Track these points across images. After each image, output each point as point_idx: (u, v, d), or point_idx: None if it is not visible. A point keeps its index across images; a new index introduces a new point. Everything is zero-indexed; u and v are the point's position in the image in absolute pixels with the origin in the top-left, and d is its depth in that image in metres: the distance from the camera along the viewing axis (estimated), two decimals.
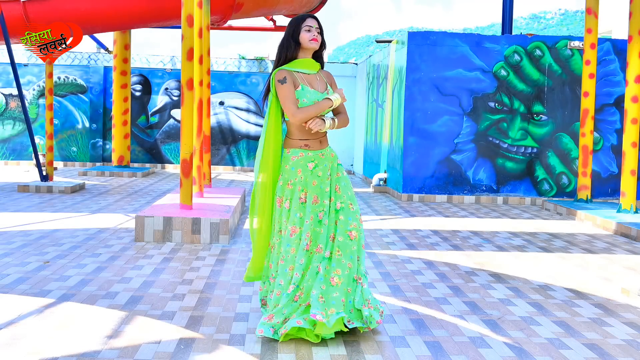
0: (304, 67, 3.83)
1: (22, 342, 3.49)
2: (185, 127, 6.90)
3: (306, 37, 3.78)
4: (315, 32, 3.79)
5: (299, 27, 3.79)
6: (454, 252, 6.39)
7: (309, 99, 3.75)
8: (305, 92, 3.77)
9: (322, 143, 3.86)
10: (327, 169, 3.83)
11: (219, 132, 15.71)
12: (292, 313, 3.64)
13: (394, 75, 11.33)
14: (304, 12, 13.41)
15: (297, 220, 3.74)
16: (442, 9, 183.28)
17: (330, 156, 3.88)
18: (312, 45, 3.79)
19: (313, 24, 3.81)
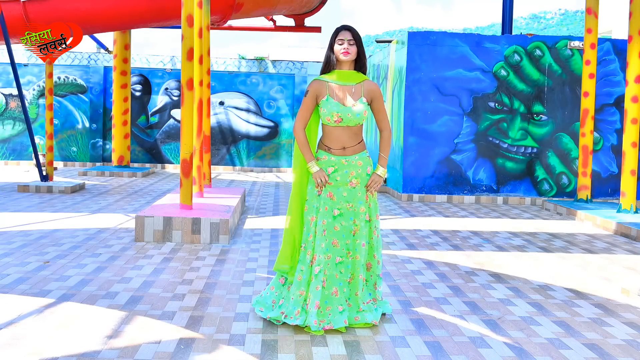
0: (339, 78, 3.94)
1: (22, 342, 3.49)
2: (185, 127, 6.90)
3: (338, 50, 3.90)
4: (347, 44, 3.88)
5: (333, 40, 3.93)
6: (454, 252, 6.39)
7: (328, 110, 3.92)
8: (328, 103, 3.92)
9: (347, 150, 3.95)
10: (347, 176, 3.94)
11: (219, 132, 15.71)
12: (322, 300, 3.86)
13: (394, 75, 11.33)
14: (303, 12, 13.44)
15: (313, 210, 3.96)
16: (442, 9, 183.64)
17: (355, 164, 3.95)
18: (343, 57, 3.90)
19: (345, 37, 3.90)
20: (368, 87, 3.99)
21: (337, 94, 3.94)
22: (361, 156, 3.99)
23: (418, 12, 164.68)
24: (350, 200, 3.95)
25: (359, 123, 3.96)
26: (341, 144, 3.96)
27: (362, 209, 3.95)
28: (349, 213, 3.94)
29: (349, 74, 3.96)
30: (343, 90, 3.95)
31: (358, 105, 3.92)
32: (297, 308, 3.83)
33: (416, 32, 10.65)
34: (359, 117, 3.92)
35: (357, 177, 3.96)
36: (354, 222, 3.95)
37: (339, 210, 3.93)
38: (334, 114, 3.91)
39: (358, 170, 3.96)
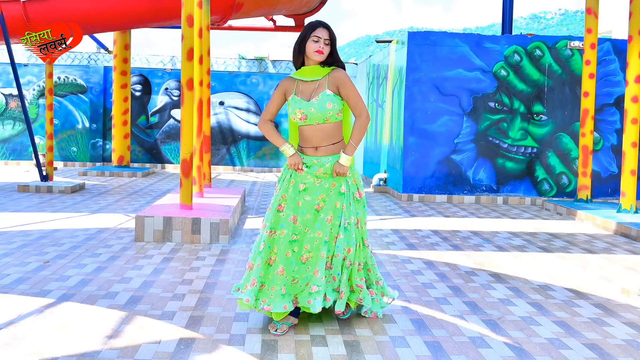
0: (305, 74, 3.80)
1: (22, 342, 3.49)
2: (185, 127, 6.90)
3: (312, 47, 3.73)
4: (322, 43, 3.71)
5: (307, 35, 3.73)
6: (454, 252, 6.39)
7: (292, 108, 3.83)
8: (292, 100, 3.82)
9: (319, 150, 3.82)
10: (314, 172, 3.82)
11: (219, 132, 15.71)
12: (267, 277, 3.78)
13: (394, 75, 11.33)
14: (303, 12, 13.43)
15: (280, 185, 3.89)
16: (442, 9, 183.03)
17: (326, 164, 3.81)
18: (316, 57, 3.73)
19: (322, 35, 3.71)
20: (331, 77, 3.76)
21: (303, 90, 3.79)
22: (334, 157, 3.83)
23: (418, 12, 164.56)
24: (320, 177, 3.82)
25: (328, 119, 3.76)
26: (313, 144, 3.82)
27: (332, 184, 3.81)
28: (315, 187, 3.82)
29: (314, 69, 3.78)
30: (308, 86, 3.79)
31: (320, 98, 3.72)
32: (245, 282, 3.86)
33: (416, 32, 10.65)
34: (322, 112, 3.73)
35: (325, 171, 3.83)
36: (321, 198, 3.81)
37: (305, 184, 3.82)
38: (297, 111, 3.78)
39: (326, 166, 3.82)
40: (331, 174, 3.83)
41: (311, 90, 3.78)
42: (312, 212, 3.82)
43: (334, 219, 3.81)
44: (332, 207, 3.82)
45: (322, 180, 3.84)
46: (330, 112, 3.75)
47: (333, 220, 3.81)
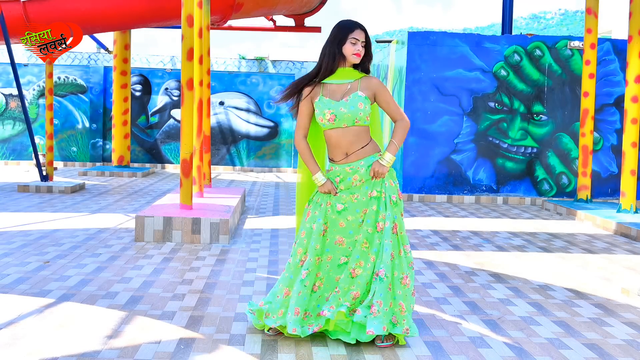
0: (334, 77, 3.67)
1: (22, 342, 3.49)
2: (185, 127, 6.90)
3: (350, 50, 3.60)
4: (360, 46, 3.61)
5: (345, 37, 3.60)
6: (454, 252, 6.39)
7: (320, 109, 3.64)
8: (320, 102, 3.65)
9: (350, 157, 3.65)
10: (351, 182, 3.65)
11: (219, 132, 15.71)
12: (311, 304, 3.61)
13: (394, 75, 11.33)
14: (303, 12, 13.43)
15: (313, 205, 3.71)
16: (442, 9, 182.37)
17: (360, 170, 3.64)
18: (354, 60, 3.61)
19: (360, 37, 3.60)
20: (366, 82, 3.66)
21: (332, 92, 3.65)
22: (367, 160, 3.65)
23: (418, 12, 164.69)
24: (355, 192, 3.64)
25: (358, 121, 3.61)
26: (343, 150, 3.65)
27: (369, 194, 3.62)
28: (354, 205, 3.64)
29: (346, 72, 3.67)
30: (338, 88, 3.66)
31: (352, 98, 3.60)
32: (281, 308, 3.63)
33: (416, 32, 10.66)
34: (353, 112, 3.58)
35: (361, 179, 3.65)
36: (364, 213, 3.62)
37: (344, 204, 3.64)
38: (325, 112, 3.61)
39: (361, 171, 3.64)
40: (367, 179, 3.64)
41: (342, 92, 3.65)
42: (357, 231, 3.65)
43: (363, 226, 3.64)
44: (364, 215, 3.66)
45: (359, 195, 3.65)
46: (361, 113, 3.60)
47: (362, 228, 3.63)
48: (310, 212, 3.71)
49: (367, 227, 3.61)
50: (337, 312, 3.52)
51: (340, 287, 3.59)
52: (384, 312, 3.48)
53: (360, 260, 3.59)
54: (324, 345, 3.57)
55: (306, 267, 3.59)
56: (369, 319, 3.46)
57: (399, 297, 3.57)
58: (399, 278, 3.58)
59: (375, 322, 3.45)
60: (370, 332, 3.43)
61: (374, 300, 3.49)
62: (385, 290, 3.51)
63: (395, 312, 3.56)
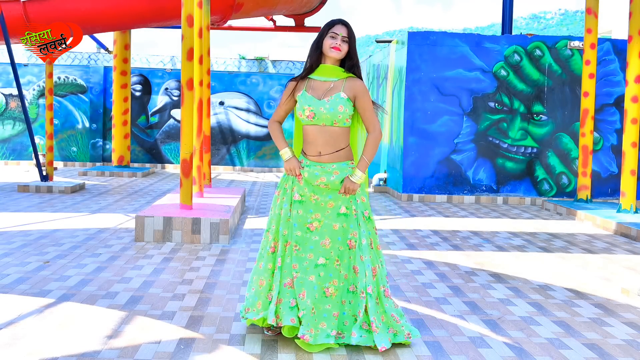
0: (319, 73, 3.64)
1: (22, 342, 3.49)
2: (185, 127, 6.90)
3: (328, 43, 3.56)
4: (339, 40, 3.55)
5: (325, 32, 3.58)
6: (454, 252, 6.39)
7: (300, 104, 3.61)
8: (302, 97, 3.62)
9: (323, 157, 3.60)
10: (315, 178, 3.60)
11: (219, 132, 15.71)
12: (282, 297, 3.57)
13: (394, 75, 11.33)
14: (303, 12, 13.44)
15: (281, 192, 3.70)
16: (442, 9, 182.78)
17: (330, 172, 3.59)
18: (331, 53, 3.55)
19: (340, 32, 3.56)
20: (350, 84, 3.59)
21: (315, 88, 3.61)
22: (340, 166, 3.59)
23: (418, 12, 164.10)
24: (317, 193, 3.60)
25: (337, 122, 3.56)
26: (317, 148, 3.61)
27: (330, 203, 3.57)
28: (309, 204, 3.59)
29: (330, 69, 3.61)
30: (321, 84, 3.61)
31: (333, 99, 3.54)
32: (259, 300, 3.63)
33: (416, 32, 10.65)
34: (333, 113, 3.53)
35: (327, 184, 3.59)
36: (314, 217, 3.58)
37: (302, 196, 3.60)
38: (305, 108, 3.57)
39: (331, 177, 3.57)
40: (333, 187, 3.59)
41: (324, 89, 3.60)
42: (302, 229, 3.59)
43: (332, 243, 3.56)
44: (329, 229, 3.57)
45: (319, 197, 3.60)
46: (340, 116, 3.56)
47: (332, 244, 3.56)
48: (279, 199, 3.70)
49: (338, 245, 3.57)
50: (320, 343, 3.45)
51: (316, 306, 3.49)
52: (383, 325, 3.54)
53: (333, 279, 3.54)
54: None
55: (279, 254, 3.59)
56: (374, 335, 3.47)
57: (388, 309, 3.60)
58: (382, 292, 3.61)
59: (381, 337, 3.48)
60: (382, 349, 3.44)
61: (371, 318, 3.50)
62: (375, 305, 3.54)
63: (390, 324, 3.58)
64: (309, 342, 3.43)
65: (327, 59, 3.63)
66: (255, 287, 3.68)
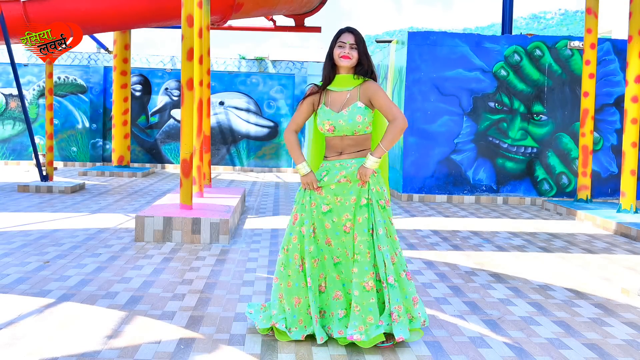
0: (336, 84, 3.67)
1: (22, 342, 3.49)
2: (185, 127, 6.90)
3: (337, 53, 3.61)
4: (348, 48, 3.58)
5: (334, 43, 3.65)
6: (454, 252, 6.39)
7: (320, 119, 3.66)
8: (321, 110, 3.67)
9: (342, 155, 3.65)
10: (335, 176, 3.62)
11: (219, 132, 15.71)
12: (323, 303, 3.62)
13: (394, 75, 11.33)
14: (303, 12, 13.43)
15: (299, 207, 3.69)
16: (442, 9, 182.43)
17: (347, 166, 3.63)
18: (342, 63, 3.60)
19: (347, 40, 3.60)
20: (363, 89, 3.63)
21: (333, 100, 3.65)
22: (359, 161, 3.65)
23: (418, 12, 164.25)
24: (339, 194, 3.63)
25: (357, 132, 3.61)
26: (338, 150, 3.68)
27: (353, 199, 3.60)
28: (338, 208, 3.62)
29: (345, 79, 3.65)
30: (338, 96, 3.65)
31: (351, 110, 3.58)
32: (299, 317, 3.61)
33: (416, 32, 10.66)
34: (352, 124, 3.57)
35: (347, 176, 3.62)
36: (345, 217, 3.61)
37: (328, 205, 3.63)
38: (325, 122, 3.63)
39: (350, 170, 3.62)
40: (354, 180, 3.62)
41: (341, 101, 3.64)
42: (343, 234, 3.64)
43: (359, 236, 3.58)
44: (356, 224, 3.61)
45: (342, 199, 3.63)
46: (359, 126, 3.60)
47: (359, 238, 3.58)
48: (298, 216, 3.69)
49: (365, 237, 3.57)
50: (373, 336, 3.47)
51: (359, 304, 3.50)
52: (404, 316, 3.54)
53: (369, 272, 3.53)
54: (324, 345, 3.57)
55: (308, 273, 3.58)
56: (393, 326, 3.51)
57: (410, 293, 3.63)
58: (404, 277, 3.62)
59: (400, 327, 3.50)
60: (400, 339, 3.47)
61: (392, 307, 3.51)
62: (398, 294, 3.55)
63: (409, 310, 3.61)
64: (362, 340, 3.45)
65: (341, 69, 3.68)
66: (291, 307, 3.63)
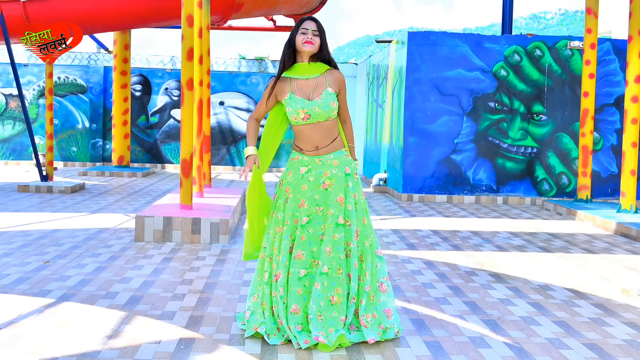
0: (300, 72, 3.69)
1: (22, 342, 3.49)
2: (185, 127, 6.90)
3: (300, 39, 3.64)
4: (310, 34, 3.62)
5: (295, 30, 3.68)
6: (454, 252, 6.39)
7: (293, 108, 3.66)
8: (291, 100, 3.67)
9: (319, 149, 3.70)
10: (320, 176, 3.67)
11: (219, 132, 15.71)
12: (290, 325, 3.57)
13: (394, 75, 11.33)
14: (303, 12, 13.43)
15: (279, 221, 3.72)
16: (442, 9, 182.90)
17: (330, 164, 3.69)
18: (305, 48, 3.63)
19: (309, 27, 3.65)
20: (333, 77, 3.71)
21: (300, 88, 3.68)
22: (337, 155, 3.70)
23: (418, 12, 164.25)
24: (321, 204, 3.65)
25: (330, 117, 3.68)
26: (313, 143, 3.70)
27: (330, 211, 3.62)
28: (317, 217, 3.64)
29: (310, 66, 3.69)
30: (306, 83, 3.68)
31: (324, 97, 3.65)
32: (277, 325, 3.63)
33: (416, 32, 10.65)
34: (327, 110, 3.65)
35: (332, 178, 3.66)
36: (322, 228, 3.63)
37: (308, 216, 3.64)
38: (299, 111, 3.65)
39: (333, 171, 3.66)
40: (337, 180, 3.66)
41: (310, 88, 3.68)
42: (317, 243, 3.63)
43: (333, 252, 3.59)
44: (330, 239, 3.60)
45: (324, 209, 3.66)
46: (333, 111, 3.69)
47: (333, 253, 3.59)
48: (272, 228, 3.73)
49: (339, 254, 3.59)
50: (336, 337, 3.49)
51: (323, 314, 3.53)
52: (374, 322, 3.63)
53: (337, 287, 3.56)
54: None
55: (281, 284, 3.60)
56: (364, 330, 3.58)
57: (381, 305, 3.67)
58: (377, 286, 3.69)
59: (370, 331, 3.60)
60: (371, 341, 3.55)
61: (361, 315, 3.61)
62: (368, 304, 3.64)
63: (381, 321, 3.65)
64: (325, 343, 3.46)
65: (302, 56, 3.71)
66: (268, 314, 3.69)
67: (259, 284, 3.76)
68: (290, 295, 3.59)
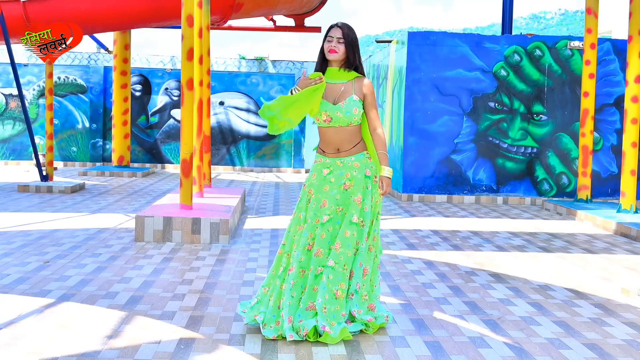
0: (330, 77, 3.82)
1: (22, 342, 3.49)
2: (185, 127, 6.90)
3: (325, 47, 3.79)
4: (335, 42, 3.74)
5: (324, 38, 3.81)
6: (454, 252, 6.39)
7: (319, 111, 3.79)
8: (322, 105, 3.79)
9: (341, 152, 3.79)
10: (342, 177, 3.76)
11: (219, 132, 15.71)
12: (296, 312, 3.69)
13: (394, 75, 11.33)
14: (303, 12, 13.44)
15: (300, 220, 3.83)
16: (442, 9, 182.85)
17: (351, 165, 3.77)
18: (329, 56, 3.77)
19: (335, 34, 3.76)
20: (359, 84, 3.81)
21: (329, 92, 3.80)
22: (358, 157, 3.79)
23: (418, 12, 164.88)
24: (342, 204, 3.75)
25: (352, 123, 3.77)
26: (335, 146, 3.81)
27: (358, 198, 3.74)
28: (337, 217, 3.75)
29: (337, 72, 3.81)
30: (332, 88, 3.79)
31: (348, 103, 3.75)
32: (277, 319, 3.71)
33: (416, 32, 10.65)
34: (349, 116, 3.74)
35: (352, 179, 3.75)
36: (340, 226, 3.75)
37: (329, 215, 3.73)
38: (322, 113, 3.77)
39: (354, 172, 3.76)
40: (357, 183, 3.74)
41: (336, 93, 3.79)
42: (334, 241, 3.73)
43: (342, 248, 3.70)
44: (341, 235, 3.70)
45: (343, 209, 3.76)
46: (355, 117, 3.77)
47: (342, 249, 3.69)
48: (293, 227, 3.84)
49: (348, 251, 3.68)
50: (339, 329, 3.58)
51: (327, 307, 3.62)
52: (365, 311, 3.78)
53: (342, 282, 3.66)
54: (324, 345, 3.57)
55: (292, 277, 3.70)
56: (357, 316, 3.72)
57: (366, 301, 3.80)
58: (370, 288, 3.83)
59: (363, 315, 3.73)
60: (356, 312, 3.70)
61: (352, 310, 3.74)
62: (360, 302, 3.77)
63: (369, 312, 3.80)
64: (330, 334, 3.56)
65: (332, 63, 3.84)
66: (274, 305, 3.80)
67: (273, 277, 3.86)
68: (307, 292, 3.70)
